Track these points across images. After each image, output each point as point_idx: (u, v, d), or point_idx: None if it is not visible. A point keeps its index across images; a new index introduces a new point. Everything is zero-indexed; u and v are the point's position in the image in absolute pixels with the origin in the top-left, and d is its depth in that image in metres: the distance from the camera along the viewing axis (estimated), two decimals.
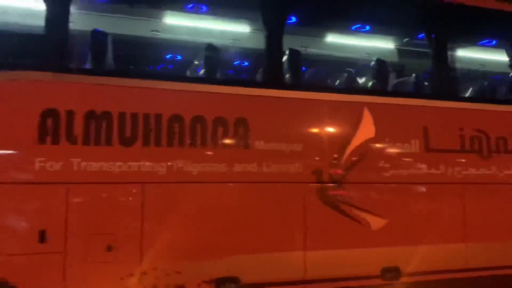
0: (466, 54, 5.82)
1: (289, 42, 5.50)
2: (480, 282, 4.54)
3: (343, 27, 5.39)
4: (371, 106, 4.34)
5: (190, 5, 4.67)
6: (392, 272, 4.25)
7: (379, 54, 5.55)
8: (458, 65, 5.16)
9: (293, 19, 4.92)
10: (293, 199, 4.03)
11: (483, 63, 6.04)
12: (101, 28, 4.04)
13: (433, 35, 4.75)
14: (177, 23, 5.03)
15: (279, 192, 4.00)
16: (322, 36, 5.69)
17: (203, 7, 4.74)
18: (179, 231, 3.65)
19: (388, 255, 4.26)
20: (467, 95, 5.42)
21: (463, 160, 4.59)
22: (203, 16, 4.86)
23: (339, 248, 4.12)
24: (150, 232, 3.60)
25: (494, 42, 5.68)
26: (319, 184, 4.09)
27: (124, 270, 3.56)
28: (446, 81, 4.74)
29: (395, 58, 6.00)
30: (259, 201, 3.95)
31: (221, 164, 3.83)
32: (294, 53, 4.44)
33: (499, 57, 5.83)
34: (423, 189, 4.49)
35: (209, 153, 3.83)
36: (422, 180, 4.46)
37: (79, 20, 3.92)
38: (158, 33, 5.05)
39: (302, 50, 5.58)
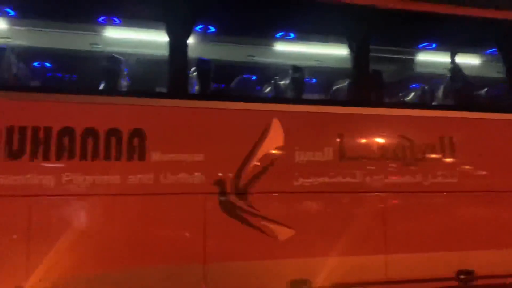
0: (407, 57, 5.64)
1: (234, 51, 5.62)
2: None
3: (271, 36, 5.29)
4: (281, 115, 4.26)
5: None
6: (301, 285, 4.13)
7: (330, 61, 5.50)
8: (390, 69, 5.05)
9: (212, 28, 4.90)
10: (193, 210, 3.98)
11: (428, 66, 5.83)
12: None
13: (349, 40, 4.63)
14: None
15: (177, 203, 3.95)
16: (269, 44, 5.61)
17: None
18: (67, 244, 3.66)
19: (297, 267, 4.14)
20: (407, 99, 5.29)
21: (384, 168, 4.45)
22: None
23: (243, 260, 4.03)
24: (36, 245, 3.62)
25: (434, 45, 5.48)
26: (221, 195, 4.04)
27: (11, 284, 3.58)
28: (365, 87, 4.60)
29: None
30: (156, 213, 3.91)
31: (114, 176, 3.83)
32: (202, 63, 4.40)
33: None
34: (337, 198, 4.35)
35: (101, 165, 3.83)
36: (336, 189, 4.32)
37: None
38: None
39: (249, 59, 5.67)
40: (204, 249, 3.94)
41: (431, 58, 5.71)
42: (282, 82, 4.77)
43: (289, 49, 5.26)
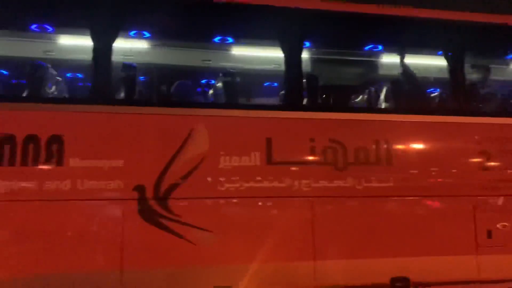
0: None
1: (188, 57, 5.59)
2: None
3: (208, 40, 5.23)
4: (206, 120, 4.22)
5: None
6: None
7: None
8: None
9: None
10: (111, 216, 3.96)
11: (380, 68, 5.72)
12: None
13: (281, 43, 4.58)
14: None
15: (94, 209, 3.94)
16: (206, 48, 5.57)
17: None
18: None
19: (220, 273, 4.07)
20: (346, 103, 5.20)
21: (313, 173, 4.37)
22: None
23: (163, 267, 3.99)
24: None
25: (380, 47, 5.39)
26: (140, 201, 4.00)
27: None
28: (294, 91, 4.54)
29: None
30: (73, 219, 3.90)
31: (31, 182, 3.83)
32: (126, 67, 4.39)
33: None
34: (264, 203, 4.28)
35: (18, 170, 3.83)
36: (263, 194, 4.25)
37: None
38: None
39: (205, 64, 5.64)
40: (121, 256, 3.91)
41: (379, 60, 5.61)
42: (216, 86, 4.74)
43: (226, 53, 5.22)
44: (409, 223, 4.52)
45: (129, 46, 4.71)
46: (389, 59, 5.42)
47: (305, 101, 4.65)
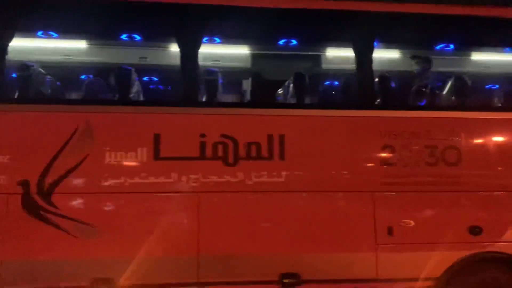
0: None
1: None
2: None
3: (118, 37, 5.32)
4: (92, 116, 4.32)
5: None
6: (104, 283, 4.16)
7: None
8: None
9: None
10: None
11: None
12: None
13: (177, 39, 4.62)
14: None
15: None
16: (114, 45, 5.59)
17: None
18: None
19: (101, 265, 4.18)
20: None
21: (202, 168, 4.39)
22: None
23: (45, 258, 4.13)
24: None
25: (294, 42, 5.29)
26: (25, 195, 4.15)
27: None
28: (191, 88, 4.55)
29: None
30: None
31: None
32: (22, 67, 4.54)
33: None
34: (151, 198, 4.33)
35: None
36: (149, 190, 4.31)
37: None
38: None
39: (141, 61, 5.77)
40: (3, 247, 4.08)
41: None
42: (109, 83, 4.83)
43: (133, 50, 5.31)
44: (302, 219, 4.44)
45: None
46: (295, 53, 5.33)
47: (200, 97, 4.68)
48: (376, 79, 4.87)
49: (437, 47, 5.67)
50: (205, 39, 4.88)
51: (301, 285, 4.35)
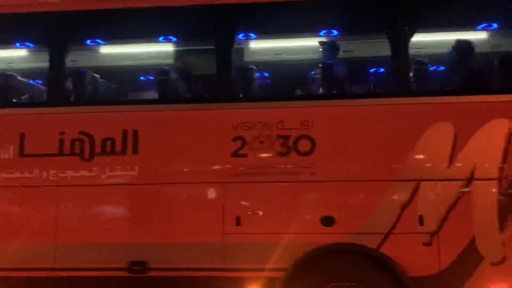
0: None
1: None
2: (68, 282, 4.63)
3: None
4: None
5: None
6: None
7: None
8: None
9: None
10: None
11: None
12: None
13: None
14: None
15: None
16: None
17: None
18: None
19: None
20: None
21: (60, 164, 4.75)
22: None
23: None
24: None
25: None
26: None
27: None
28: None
29: None
30: None
31: None
32: None
33: None
34: (17, 192, 4.79)
35: None
36: (16, 184, 4.77)
37: None
38: None
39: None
40: None
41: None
42: None
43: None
44: (152, 209, 4.67)
45: None
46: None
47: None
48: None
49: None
50: None
51: (148, 273, 4.58)
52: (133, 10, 4.88)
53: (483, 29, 5.55)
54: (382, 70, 5.50)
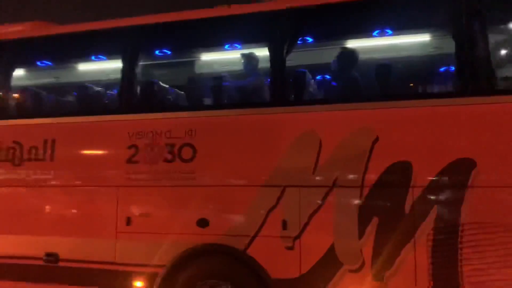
0: None
1: None
2: None
3: None
4: None
5: None
6: None
7: None
8: None
9: None
10: None
11: None
12: None
13: None
14: None
15: None
16: None
17: None
18: None
19: None
20: None
21: None
22: None
23: None
24: None
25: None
26: None
27: None
28: None
29: None
30: None
31: None
32: None
33: None
34: None
35: None
36: None
37: None
38: None
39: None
40: None
41: None
42: None
43: None
44: (64, 207, 5.39)
45: None
46: None
47: None
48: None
49: None
50: None
51: (58, 263, 5.29)
52: None
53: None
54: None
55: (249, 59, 5.48)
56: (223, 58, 6.03)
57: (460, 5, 4.44)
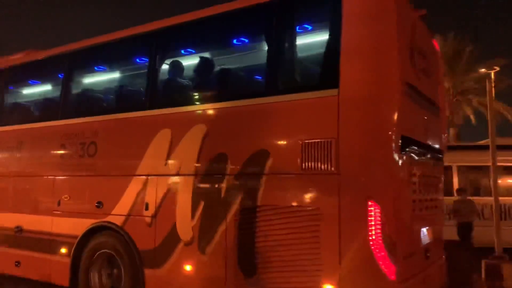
0: None
1: None
2: None
3: None
4: None
5: None
6: None
7: None
8: None
9: None
10: None
11: None
12: None
13: None
14: None
15: None
16: None
17: None
18: None
19: None
20: None
21: None
22: None
23: None
24: None
25: None
26: None
27: None
28: None
29: None
30: None
31: None
32: None
33: None
34: None
35: None
36: None
37: None
38: None
39: None
40: None
41: None
42: None
43: None
44: (24, 193, 7.11)
45: None
46: None
47: None
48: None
49: None
50: None
51: (22, 233, 7.03)
52: None
53: None
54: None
55: None
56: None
57: None
